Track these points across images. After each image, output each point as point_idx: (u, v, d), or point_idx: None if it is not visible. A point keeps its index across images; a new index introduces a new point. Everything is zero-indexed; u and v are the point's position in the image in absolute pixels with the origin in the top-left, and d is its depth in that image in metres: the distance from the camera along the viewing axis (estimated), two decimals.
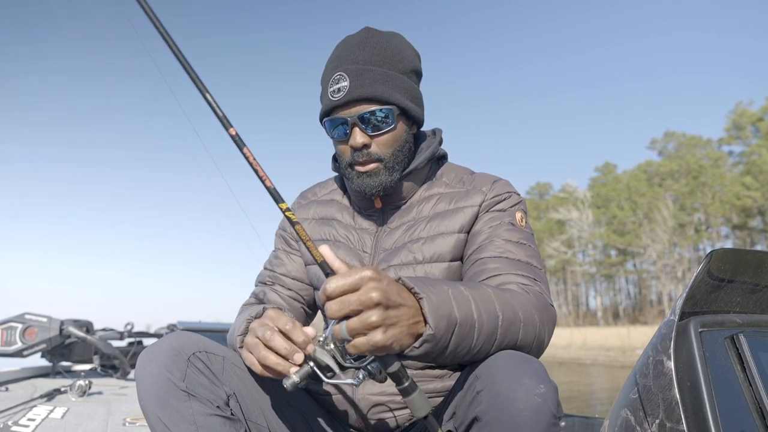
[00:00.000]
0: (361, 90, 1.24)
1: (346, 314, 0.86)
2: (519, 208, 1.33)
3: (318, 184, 1.59)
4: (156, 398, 1.05)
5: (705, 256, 1.33)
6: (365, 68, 1.26)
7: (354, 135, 1.26)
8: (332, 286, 0.86)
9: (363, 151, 1.27)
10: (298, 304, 1.46)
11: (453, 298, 0.95)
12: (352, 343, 0.87)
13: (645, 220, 53.80)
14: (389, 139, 1.28)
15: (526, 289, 1.13)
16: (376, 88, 1.24)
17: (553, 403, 0.90)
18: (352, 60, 1.27)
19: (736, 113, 50.67)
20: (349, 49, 1.30)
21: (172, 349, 1.09)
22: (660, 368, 1.26)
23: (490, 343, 0.99)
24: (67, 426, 2.36)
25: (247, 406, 1.18)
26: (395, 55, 1.30)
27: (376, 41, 1.30)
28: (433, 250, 1.29)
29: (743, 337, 1.23)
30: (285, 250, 1.50)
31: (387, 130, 1.27)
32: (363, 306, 0.85)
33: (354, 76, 1.25)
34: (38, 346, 3.48)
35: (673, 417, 1.17)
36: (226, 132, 0.98)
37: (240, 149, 0.97)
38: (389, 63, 1.28)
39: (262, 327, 1.04)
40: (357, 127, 1.25)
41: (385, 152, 1.28)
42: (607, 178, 60.19)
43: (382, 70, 1.27)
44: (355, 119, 1.25)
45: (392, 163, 1.30)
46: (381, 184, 1.30)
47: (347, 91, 1.24)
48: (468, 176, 1.39)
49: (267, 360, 1.01)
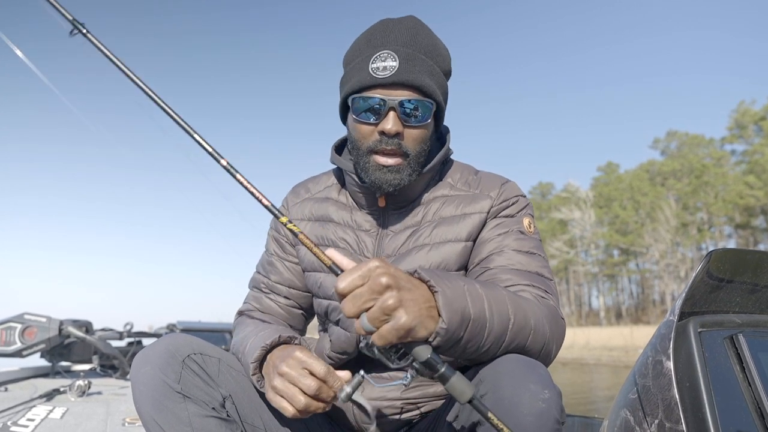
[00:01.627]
0: (411, 76, 1.17)
1: (361, 308, 0.84)
2: (526, 212, 1.30)
3: (311, 179, 1.50)
4: (151, 400, 1.05)
5: (704, 256, 1.32)
6: (416, 54, 1.19)
7: (388, 119, 1.17)
8: (342, 284, 0.84)
9: (394, 139, 1.19)
10: (296, 311, 1.43)
11: (468, 294, 0.94)
12: (377, 333, 0.84)
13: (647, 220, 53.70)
14: (420, 135, 1.22)
15: (540, 301, 1.12)
16: (424, 79, 1.18)
17: (557, 408, 0.90)
18: (403, 42, 1.20)
19: (738, 112, 50.56)
20: (399, 30, 1.22)
21: (166, 351, 1.09)
22: (659, 368, 1.26)
23: (498, 345, 0.98)
24: (67, 426, 2.37)
25: (243, 408, 1.17)
26: (440, 51, 1.25)
27: (426, 32, 1.24)
28: (439, 258, 1.25)
29: (742, 337, 1.22)
30: (279, 256, 1.44)
31: (423, 124, 1.21)
32: (375, 293, 0.83)
33: (405, 59, 1.17)
34: (37, 346, 3.48)
35: (673, 417, 1.17)
36: (218, 164, 1.05)
37: (234, 177, 1.03)
38: (435, 57, 1.23)
39: (297, 373, 1.03)
40: (395, 112, 1.17)
41: (413, 147, 1.22)
42: (610, 177, 60.07)
43: (431, 62, 1.21)
44: (395, 103, 1.17)
45: (416, 161, 1.23)
46: (401, 182, 1.22)
47: (395, 72, 1.16)
48: (473, 177, 1.35)
49: (310, 408, 1.02)
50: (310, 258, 1.36)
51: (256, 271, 1.49)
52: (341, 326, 1.29)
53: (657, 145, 58.77)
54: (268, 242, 1.49)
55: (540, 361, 1.04)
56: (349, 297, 0.84)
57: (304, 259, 1.38)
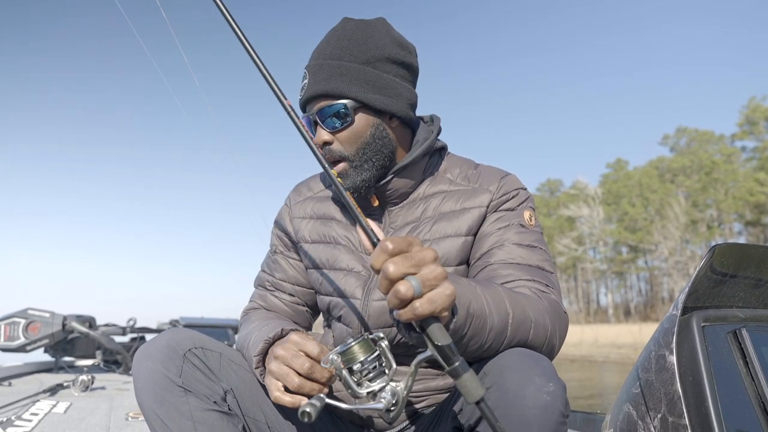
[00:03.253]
0: (315, 87, 1.22)
1: (408, 270, 0.79)
2: (527, 205, 1.29)
3: (312, 178, 1.52)
4: (153, 394, 1.06)
5: (708, 251, 1.32)
6: (323, 63, 1.23)
7: (318, 133, 1.24)
8: (392, 244, 0.80)
9: (326, 148, 1.25)
10: (301, 308, 1.44)
11: (470, 291, 0.94)
12: (426, 297, 0.79)
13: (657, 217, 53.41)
14: (349, 136, 1.23)
15: (540, 295, 1.12)
16: (328, 83, 1.21)
17: (562, 401, 0.89)
18: (316, 56, 1.26)
19: (749, 108, 50.13)
20: (319, 44, 1.28)
21: (168, 345, 1.09)
22: (662, 363, 1.26)
23: (500, 341, 0.98)
24: (70, 420, 2.39)
25: (244, 402, 1.18)
26: (360, 45, 1.24)
27: (345, 32, 1.26)
28: (440, 254, 1.24)
29: (746, 331, 1.22)
30: (283, 254, 1.45)
31: (344, 126, 1.23)
32: (425, 261, 0.81)
33: (312, 73, 1.24)
34: (41, 341, 3.52)
35: (676, 411, 1.17)
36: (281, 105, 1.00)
37: (295, 122, 0.99)
38: (351, 54, 1.23)
39: (291, 354, 1.03)
40: (318, 125, 1.24)
41: (348, 150, 1.24)
42: (619, 174, 59.73)
43: (339, 62, 1.23)
44: (315, 116, 1.24)
45: (359, 161, 1.24)
46: (353, 184, 1.24)
47: (306, 89, 1.24)
48: (472, 171, 1.35)
49: (304, 388, 1.01)
50: (313, 255, 1.37)
51: (261, 270, 1.51)
52: (343, 322, 1.30)
53: (666, 141, 58.40)
54: (272, 240, 1.50)
55: (544, 353, 1.05)
56: (399, 257, 0.80)
57: (307, 256, 1.39)
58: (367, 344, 0.96)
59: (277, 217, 1.51)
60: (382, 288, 0.81)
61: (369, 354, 0.95)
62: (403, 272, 0.79)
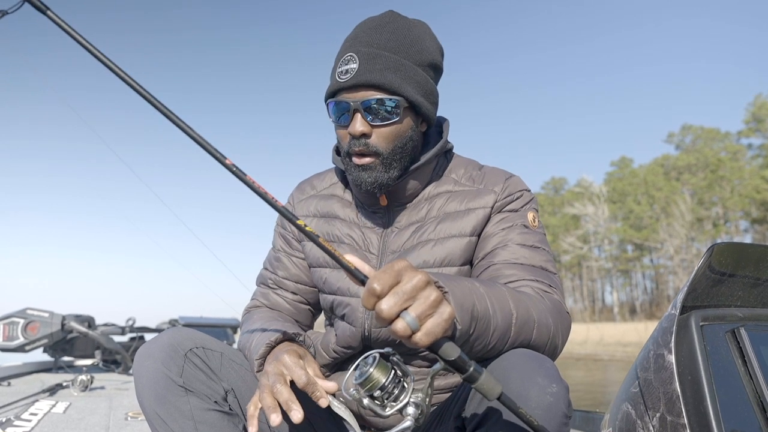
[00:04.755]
0: (370, 75, 1.17)
1: (402, 306, 0.77)
2: (531, 207, 1.30)
3: (316, 176, 1.51)
4: (153, 394, 1.06)
5: (706, 250, 1.32)
6: (378, 52, 1.19)
7: (354, 122, 1.19)
8: (378, 285, 0.77)
9: (361, 140, 1.20)
10: (303, 306, 1.44)
11: (473, 292, 0.93)
12: (423, 330, 0.78)
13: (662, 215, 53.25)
14: (391, 133, 1.21)
15: (543, 295, 1.12)
16: (385, 76, 1.17)
17: (565, 402, 0.90)
18: (367, 42, 1.20)
19: (755, 105, 49.87)
20: (366, 30, 1.23)
21: (169, 345, 1.10)
22: (661, 362, 1.26)
23: (503, 341, 0.98)
24: (70, 420, 2.40)
25: (245, 402, 1.18)
26: (414, 45, 1.22)
27: (396, 26, 1.23)
28: (444, 254, 1.25)
29: (744, 331, 1.22)
30: (286, 252, 1.45)
31: (391, 122, 1.19)
32: (416, 290, 0.78)
33: (364, 59, 1.18)
34: (40, 341, 3.52)
35: (674, 410, 1.17)
36: (222, 165, 0.90)
37: (242, 179, 0.88)
38: (405, 51, 1.21)
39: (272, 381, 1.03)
40: (359, 114, 1.18)
41: (384, 146, 1.21)
42: (624, 172, 59.55)
43: (396, 57, 1.19)
44: (358, 105, 1.17)
45: (390, 159, 1.22)
46: (376, 180, 1.22)
47: (355, 74, 1.17)
48: (477, 172, 1.35)
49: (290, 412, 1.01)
50: (316, 254, 1.37)
51: (263, 268, 1.51)
52: (346, 321, 1.30)
53: (672, 139, 58.18)
54: (274, 239, 1.50)
55: (547, 356, 1.05)
56: (389, 295, 0.77)
57: (309, 254, 1.39)
58: (383, 366, 0.92)
59: (278, 216, 1.50)
60: (380, 325, 0.80)
61: (387, 375, 0.91)
62: (397, 311, 0.77)
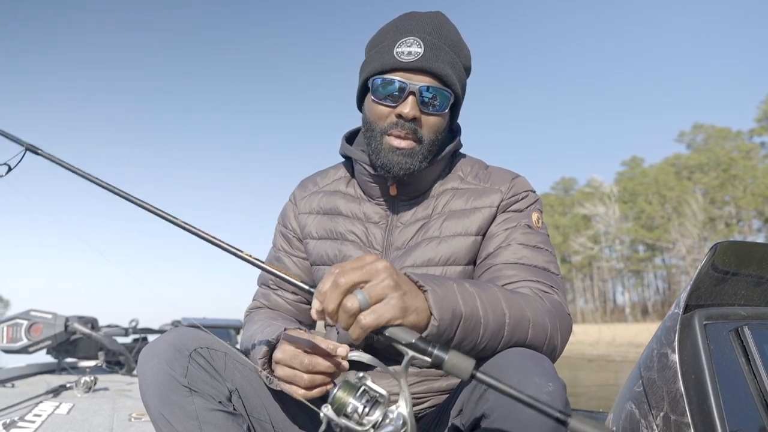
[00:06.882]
0: (435, 64, 1.20)
1: (354, 281, 0.82)
2: (535, 207, 1.30)
3: (318, 173, 1.51)
4: (158, 394, 1.06)
5: (709, 249, 1.32)
6: (441, 45, 1.23)
7: (407, 103, 1.20)
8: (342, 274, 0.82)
9: (409, 123, 1.22)
10: (304, 306, 1.44)
11: (458, 293, 0.94)
12: (370, 309, 0.81)
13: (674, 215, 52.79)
14: (435, 123, 1.25)
15: (542, 295, 1.12)
16: (446, 69, 1.22)
17: (562, 401, 0.89)
18: (430, 32, 1.24)
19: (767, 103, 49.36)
20: (427, 21, 1.26)
21: (173, 345, 1.10)
22: (664, 361, 1.26)
23: (496, 341, 0.99)
24: (73, 422, 2.40)
25: (249, 402, 1.19)
26: (463, 47, 1.29)
27: (451, 26, 1.29)
28: (449, 252, 1.26)
29: (748, 329, 1.22)
30: (287, 251, 1.45)
31: (440, 113, 1.24)
32: (375, 273, 0.83)
33: (430, 47, 1.21)
34: (44, 342, 3.52)
35: (678, 409, 1.17)
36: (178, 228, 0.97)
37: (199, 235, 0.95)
38: (458, 52, 1.27)
39: (289, 355, 1.04)
40: (412, 97, 1.20)
41: (427, 134, 1.24)
42: (634, 172, 59.09)
43: (454, 56, 1.25)
44: (415, 88, 1.20)
45: (429, 148, 1.26)
46: (411, 167, 1.24)
47: (419, 58, 1.20)
48: (483, 171, 1.36)
49: (315, 382, 1.03)
50: (320, 251, 1.38)
51: None
52: None
53: (683, 138, 57.74)
54: (275, 238, 1.50)
55: (546, 355, 1.04)
56: (349, 270, 0.82)
57: (313, 252, 1.39)
58: (348, 386, 0.92)
59: (281, 214, 1.51)
60: (332, 300, 0.82)
61: (354, 392, 0.91)
62: (351, 282, 0.81)
